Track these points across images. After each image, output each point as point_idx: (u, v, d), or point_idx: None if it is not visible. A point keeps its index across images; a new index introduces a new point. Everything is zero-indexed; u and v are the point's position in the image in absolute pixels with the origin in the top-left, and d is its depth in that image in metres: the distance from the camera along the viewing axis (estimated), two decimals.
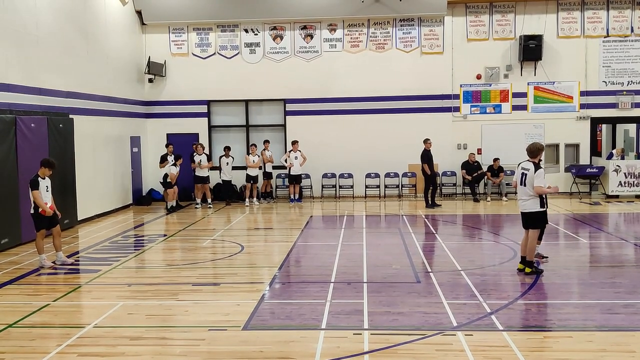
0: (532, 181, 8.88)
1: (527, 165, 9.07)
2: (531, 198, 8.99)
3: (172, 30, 19.93)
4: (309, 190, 19.73)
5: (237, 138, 20.17)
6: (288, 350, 6.18)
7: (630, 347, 6.15)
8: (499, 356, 5.98)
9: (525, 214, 9.19)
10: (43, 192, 10.11)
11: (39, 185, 10.04)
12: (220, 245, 12.32)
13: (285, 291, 8.79)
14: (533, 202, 8.99)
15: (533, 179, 8.85)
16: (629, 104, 19.08)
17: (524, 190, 9.08)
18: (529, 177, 8.94)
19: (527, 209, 9.09)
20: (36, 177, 10.15)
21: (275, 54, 19.78)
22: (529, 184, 8.95)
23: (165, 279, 9.40)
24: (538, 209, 8.99)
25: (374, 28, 19.57)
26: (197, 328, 6.93)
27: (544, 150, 9.16)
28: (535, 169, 8.90)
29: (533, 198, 8.96)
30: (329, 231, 14.24)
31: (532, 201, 8.99)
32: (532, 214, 9.07)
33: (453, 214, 16.36)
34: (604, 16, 19.05)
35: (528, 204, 9.05)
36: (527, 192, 9.02)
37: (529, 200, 9.03)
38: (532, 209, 9.01)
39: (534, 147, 9.11)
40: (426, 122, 19.19)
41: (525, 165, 9.11)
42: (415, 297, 8.06)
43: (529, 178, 8.94)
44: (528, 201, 9.04)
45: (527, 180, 8.97)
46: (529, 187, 8.95)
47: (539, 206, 8.97)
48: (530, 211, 9.05)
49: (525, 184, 9.02)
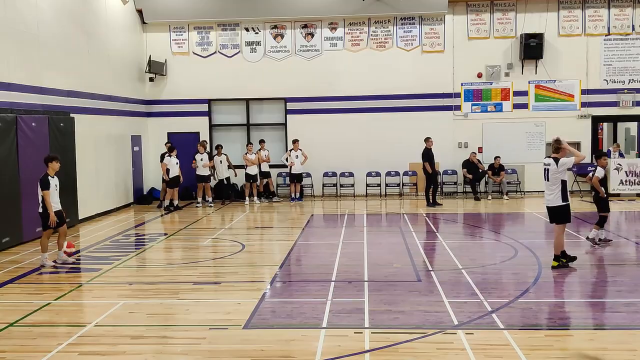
0: (555, 175, 9.14)
1: (548, 161, 9.33)
2: (554, 192, 9.22)
3: (173, 29, 19.93)
4: (310, 189, 19.72)
5: (238, 137, 20.18)
6: (289, 349, 6.18)
7: (631, 345, 6.15)
8: (499, 355, 5.97)
9: (550, 208, 9.41)
10: (52, 192, 10.07)
11: (50, 185, 10.01)
12: (221, 244, 12.33)
13: (286, 290, 8.79)
14: (557, 196, 9.21)
15: (556, 172, 9.11)
16: (630, 102, 19.05)
17: (547, 185, 9.34)
18: (551, 172, 9.19)
19: (551, 204, 9.33)
20: (46, 176, 10.09)
21: (276, 53, 19.77)
22: (551, 179, 9.19)
23: (166, 278, 9.40)
24: (561, 203, 9.21)
25: (374, 27, 19.55)
26: (198, 327, 6.93)
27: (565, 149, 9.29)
28: (557, 162, 9.13)
29: (556, 192, 9.20)
30: (329, 230, 14.23)
31: (555, 195, 9.23)
32: (556, 208, 9.29)
33: (454, 213, 16.36)
34: (605, 14, 19.02)
35: (552, 198, 9.29)
36: (550, 186, 9.27)
37: (552, 194, 9.27)
38: (556, 203, 9.24)
39: (557, 142, 9.31)
40: (427, 120, 19.18)
41: (546, 161, 9.38)
42: (416, 296, 8.06)
43: (551, 172, 9.19)
44: (551, 195, 9.28)
45: (549, 174, 9.23)
46: (553, 180, 9.17)
47: (562, 200, 9.20)
48: (555, 205, 9.28)
49: (548, 179, 9.27)
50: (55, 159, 10.25)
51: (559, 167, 9.12)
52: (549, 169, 9.26)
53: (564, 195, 9.22)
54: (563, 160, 9.11)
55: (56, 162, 10.22)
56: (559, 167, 9.12)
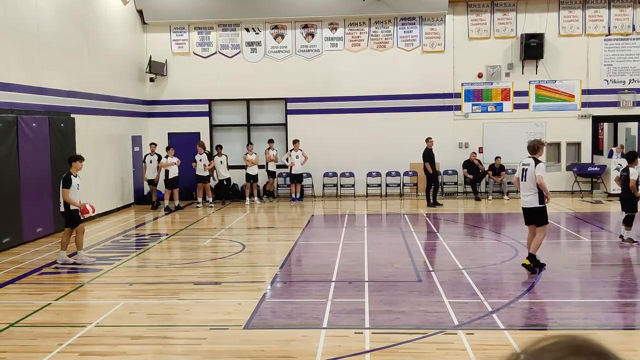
0: (532, 175, 8.92)
1: (527, 161, 9.12)
2: (531, 193, 9.02)
3: (173, 30, 19.93)
4: (310, 189, 19.73)
5: (239, 137, 20.18)
6: (289, 349, 6.18)
7: (631, 345, 6.14)
8: (500, 355, 5.97)
9: (526, 209, 9.22)
10: (74, 191, 10.17)
11: (71, 184, 10.12)
12: (221, 244, 12.33)
13: (287, 290, 8.79)
14: (533, 197, 9.02)
15: (534, 173, 8.89)
16: (630, 102, 19.04)
17: (524, 186, 9.13)
18: (529, 172, 8.99)
19: (527, 205, 9.14)
20: (68, 175, 10.22)
21: (277, 53, 19.77)
22: (529, 179, 8.99)
23: (167, 278, 9.40)
24: (538, 205, 9.02)
25: (375, 27, 19.55)
26: (199, 327, 6.93)
27: (544, 146, 9.22)
28: (536, 164, 8.95)
29: (533, 194, 9.00)
30: (330, 230, 14.23)
31: (533, 197, 9.03)
32: (533, 209, 9.10)
33: (454, 213, 16.35)
34: (605, 14, 19.01)
35: (529, 199, 9.09)
36: (527, 187, 9.07)
37: (529, 195, 9.07)
38: (533, 204, 9.05)
39: (534, 143, 9.20)
40: (428, 120, 19.17)
41: (525, 161, 9.17)
42: (417, 296, 8.06)
43: (529, 173, 8.99)
44: (529, 196, 9.08)
45: (527, 175, 9.02)
46: (530, 182, 8.98)
47: (539, 202, 9.01)
48: (531, 207, 9.09)
49: (525, 179, 9.07)
50: (78, 158, 10.44)
51: (538, 169, 8.88)
52: (527, 169, 9.04)
53: (541, 197, 9.02)
54: (541, 166, 8.90)
55: (79, 162, 10.41)
56: (537, 168, 8.90)
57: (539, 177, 8.83)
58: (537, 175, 8.84)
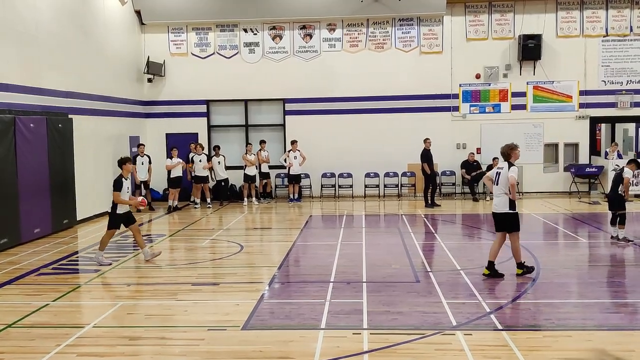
0: (505, 179, 8.80)
1: (502, 165, 9.02)
2: (502, 197, 8.87)
3: (171, 30, 19.93)
4: (309, 190, 19.73)
5: (237, 138, 20.18)
6: (287, 350, 6.19)
7: (629, 346, 6.16)
8: (498, 355, 5.98)
9: (496, 215, 9.03)
10: (124, 193, 10.30)
11: (122, 186, 10.25)
12: (220, 244, 12.32)
13: (285, 291, 8.79)
14: (504, 202, 8.86)
15: (507, 175, 8.78)
16: (628, 103, 19.08)
17: (497, 189, 8.99)
18: (502, 175, 8.87)
19: (498, 210, 8.96)
20: (120, 177, 10.34)
21: (275, 54, 19.78)
22: (502, 183, 8.87)
23: (165, 279, 9.40)
24: (508, 211, 8.85)
25: (373, 28, 19.57)
26: (197, 328, 6.93)
27: (517, 149, 8.99)
28: (509, 166, 8.85)
29: (504, 197, 8.84)
30: (328, 231, 14.24)
31: (504, 201, 8.86)
32: (503, 215, 8.91)
33: (452, 214, 16.37)
34: (603, 15, 19.06)
35: (500, 204, 8.92)
36: (500, 190, 8.93)
37: (500, 199, 8.91)
38: (503, 209, 8.88)
39: (505, 148, 9.04)
40: (425, 121, 19.20)
41: (500, 165, 9.08)
42: (415, 297, 8.06)
43: (502, 176, 8.87)
44: (500, 200, 8.92)
45: (500, 178, 8.90)
46: (502, 185, 8.86)
47: (509, 208, 8.84)
48: (501, 212, 8.91)
49: (498, 183, 8.94)
50: (127, 160, 10.59)
51: (511, 171, 8.74)
52: (501, 172, 8.91)
53: (512, 203, 8.83)
54: (514, 169, 8.79)
55: (129, 164, 10.57)
56: (510, 171, 8.76)
57: (511, 177, 8.70)
58: (510, 175, 8.72)
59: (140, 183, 17.43)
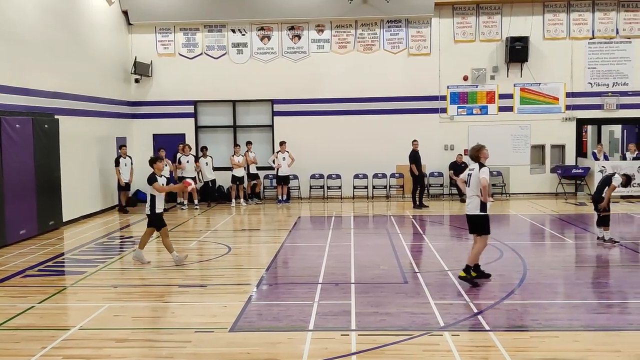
0: (476, 180, 8.70)
1: (473, 166, 8.91)
2: (474, 199, 8.78)
3: (159, 31, 19.84)
4: (297, 191, 19.71)
5: (224, 139, 20.12)
6: (275, 352, 6.17)
7: (615, 346, 6.20)
8: (485, 356, 6.00)
9: (469, 217, 8.95)
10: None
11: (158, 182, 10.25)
12: (207, 246, 12.27)
13: (273, 292, 8.76)
14: (475, 204, 8.77)
15: (478, 177, 8.67)
16: (614, 105, 19.24)
17: (469, 191, 8.90)
18: (473, 176, 8.79)
19: (470, 212, 8.88)
20: (153, 174, 10.31)
21: (263, 55, 19.75)
22: (473, 184, 8.77)
23: (152, 281, 9.34)
24: (479, 213, 8.77)
25: (361, 29, 19.60)
26: (184, 330, 6.89)
27: (484, 150, 8.86)
28: (480, 167, 8.74)
29: (476, 199, 8.74)
30: (317, 232, 14.23)
31: (475, 203, 8.77)
32: (474, 217, 8.84)
33: (440, 215, 16.41)
34: (589, 18, 19.21)
35: (471, 205, 8.84)
36: (471, 192, 8.83)
37: (472, 201, 8.83)
38: (474, 211, 8.80)
39: (472, 151, 8.96)
40: (414, 123, 19.24)
41: (472, 167, 8.95)
42: (403, 298, 8.07)
43: (473, 177, 8.78)
44: (471, 201, 8.84)
45: (472, 179, 8.81)
46: (474, 186, 8.76)
47: (480, 210, 8.75)
48: (473, 214, 8.83)
49: (470, 184, 8.86)
50: (158, 158, 10.62)
51: (482, 172, 8.63)
52: (472, 173, 8.83)
53: (483, 205, 8.71)
54: (485, 170, 8.69)
55: (160, 162, 10.55)
56: (481, 172, 8.66)
57: (483, 180, 8.58)
58: (481, 177, 8.61)
59: (124, 184, 17.31)
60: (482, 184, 8.62)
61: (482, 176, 8.64)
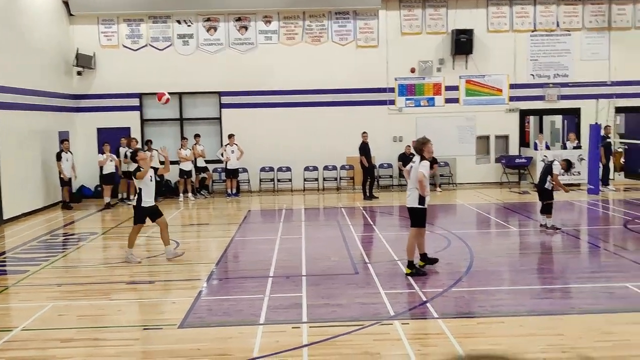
0: (416, 173, 8.70)
1: (415, 159, 8.92)
2: (413, 191, 8.79)
3: (101, 22, 19.29)
4: (247, 185, 19.56)
5: (171, 132, 19.76)
6: (226, 347, 6.11)
7: (558, 330, 6.40)
8: (434, 343, 6.10)
9: (408, 209, 9.00)
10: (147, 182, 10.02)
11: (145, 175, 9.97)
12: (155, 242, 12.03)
13: (223, 287, 8.68)
14: (414, 197, 8.79)
15: (417, 169, 8.69)
16: (555, 96, 19.82)
17: (409, 183, 8.93)
18: (413, 170, 8.81)
19: (409, 204, 8.92)
20: (138, 168, 10.11)
21: (209, 46, 19.47)
22: (413, 177, 8.80)
23: (97, 278, 9.11)
24: (417, 205, 8.79)
25: (309, 21, 19.55)
26: (131, 327, 6.76)
27: (429, 144, 8.84)
28: (421, 160, 8.74)
29: (415, 192, 8.75)
30: (267, 225, 14.17)
31: (414, 196, 8.79)
32: (412, 209, 8.88)
33: (390, 206, 16.59)
34: (531, 11, 19.70)
35: (410, 198, 8.87)
36: (411, 185, 8.85)
37: (411, 194, 8.85)
38: (413, 204, 8.83)
39: (417, 143, 8.94)
40: (363, 115, 19.35)
41: (414, 159, 8.95)
42: (354, 289, 8.12)
43: (413, 170, 8.80)
44: (410, 195, 8.86)
45: (412, 172, 8.83)
46: (413, 179, 8.78)
47: (418, 203, 8.78)
48: (411, 206, 8.87)
49: (410, 176, 8.90)
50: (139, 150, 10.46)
51: (421, 166, 8.62)
52: (413, 166, 8.84)
53: (422, 199, 8.73)
54: (424, 163, 8.67)
55: (141, 152, 10.38)
56: (420, 165, 8.65)
57: (420, 174, 8.58)
58: (419, 171, 8.61)
59: (67, 179, 16.82)
60: (419, 177, 8.59)
61: (420, 170, 8.62)
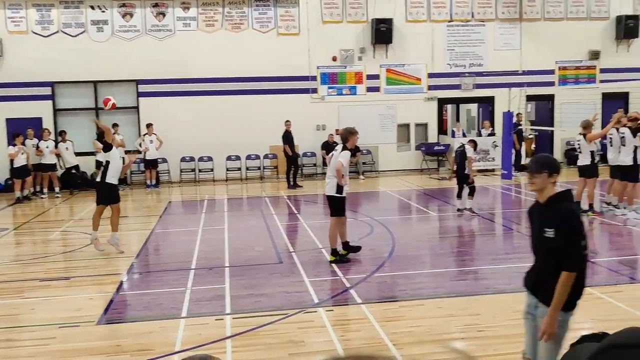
0: (335, 162, 8.68)
1: (338, 148, 8.95)
2: (332, 180, 8.78)
3: (8, 6, 18.21)
4: (167, 175, 19.11)
5: (86, 122, 18.97)
6: (147, 342, 5.95)
7: (475, 310, 6.64)
8: (358, 329, 6.19)
9: (327, 197, 8.99)
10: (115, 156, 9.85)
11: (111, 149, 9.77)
12: (71, 236, 11.57)
13: (143, 281, 8.47)
14: (332, 185, 8.75)
15: (337, 158, 8.66)
16: (470, 85, 20.47)
17: (328, 171, 8.95)
18: (333, 158, 8.81)
19: (327, 192, 8.91)
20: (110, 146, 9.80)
21: (125, 33, 18.80)
22: (331, 166, 8.80)
23: (9, 276, 8.65)
24: (334, 194, 8.73)
25: (229, 7, 19.23)
26: (47, 326, 6.47)
27: (355, 135, 8.83)
28: (342, 150, 8.75)
29: (333, 180, 8.74)
30: (188, 216, 13.91)
31: (332, 184, 8.77)
32: (331, 198, 8.87)
33: (314, 194, 16.66)
34: (447, 2, 20.19)
35: (329, 186, 8.85)
36: (330, 173, 8.85)
37: (329, 182, 8.83)
38: (331, 192, 8.81)
39: (344, 132, 8.90)
40: (286, 103, 19.26)
41: (337, 148, 8.97)
42: (278, 278, 8.12)
43: (333, 159, 8.81)
44: (329, 184, 8.85)
45: (332, 160, 8.83)
46: (332, 168, 8.77)
47: (335, 191, 8.71)
48: (330, 194, 8.86)
49: (329, 164, 8.93)
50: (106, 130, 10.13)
51: (341, 156, 8.63)
52: (334, 154, 8.84)
53: (339, 187, 8.66)
54: (344, 154, 8.59)
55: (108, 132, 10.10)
56: (340, 155, 8.58)
57: (338, 163, 8.55)
58: (338, 160, 8.58)
59: None
60: (337, 167, 8.56)
61: (339, 159, 8.59)
